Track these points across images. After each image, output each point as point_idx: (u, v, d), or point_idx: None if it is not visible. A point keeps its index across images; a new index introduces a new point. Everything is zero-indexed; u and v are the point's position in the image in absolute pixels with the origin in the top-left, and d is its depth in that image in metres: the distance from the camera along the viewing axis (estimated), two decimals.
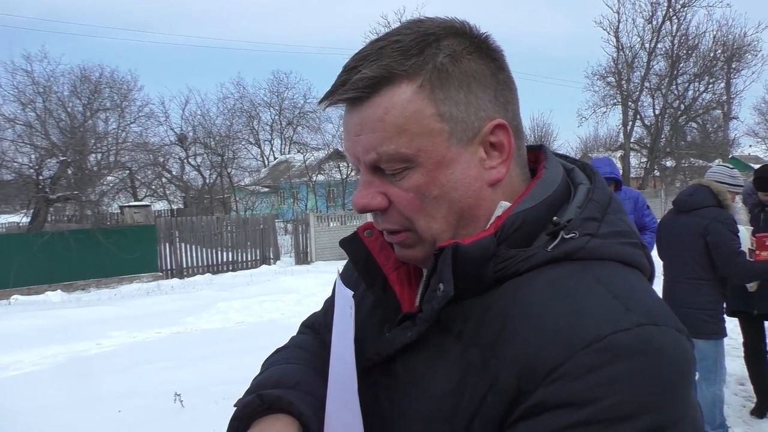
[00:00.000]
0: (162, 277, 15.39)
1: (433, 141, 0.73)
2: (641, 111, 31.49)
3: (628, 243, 0.75)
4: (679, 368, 0.63)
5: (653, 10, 29.83)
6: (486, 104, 0.75)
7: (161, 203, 26.92)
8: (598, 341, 0.61)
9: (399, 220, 0.77)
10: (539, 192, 0.76)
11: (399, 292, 0.85)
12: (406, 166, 0.74)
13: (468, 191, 0.75)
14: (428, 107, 0.72)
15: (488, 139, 0.75)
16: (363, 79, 0.72)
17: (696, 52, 30.80)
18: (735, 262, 3.64)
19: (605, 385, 0.59)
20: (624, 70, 30.68)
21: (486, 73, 0.75)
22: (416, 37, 0.73)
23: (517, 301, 0.69)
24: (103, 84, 22.38)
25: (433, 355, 0.73)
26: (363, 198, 0.77)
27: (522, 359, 0.64)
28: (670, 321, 0.66)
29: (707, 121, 34.82)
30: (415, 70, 0.72)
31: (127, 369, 6.53)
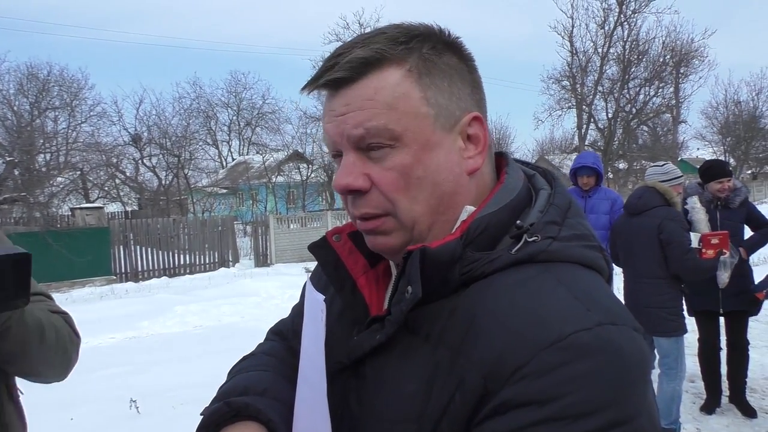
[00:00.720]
0: (116, 280, 15.00)
1: (419, 123, 0.75)
2: (595, 114, 32.33)
3: (588, 246, 0.78)
4: (637, 366, 0.65)
5: (605, 15, 30.66)
6: (465, 96, 0.79)
7: (115, 205, 26.28)
8: (560, 340, 0.63)
9: (380, 203, 0.78)
10: (502, 197, 0.79)
11: (367, 295, 0.86)
12: (391, 144, 0.75)
13: (450, 176, 0.77)
14: (415, 91, 0.75)
15: (466, 130, 0.79)
16: (354, 60, 0.74)
17: (646, 58, 31.80)
18: (686, 258, 3.80)
19: (568, 382, 0.61)
20: (578, 74, 31.42)
21: (464, 69, 0.80)
22: (403, 30, 0.77)
23: (483, 303, 0.71)
24: (51, 82, 21.78)
25: (401, 356, 0.75)
26: (345, 178, 0.77)
27: (487, 359, 0.66)
28: (627, 320, 0.69)
29: (657, 125, 35.97)
30: (404, 55, 0.75)
31: (79, 375, 6.30)
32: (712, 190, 4.50)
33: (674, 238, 3.82)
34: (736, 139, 41.18)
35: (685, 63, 32.85)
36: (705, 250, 3.99)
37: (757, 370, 5.11)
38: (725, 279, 4.28)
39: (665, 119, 35.87)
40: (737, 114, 42.44)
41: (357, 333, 0.82)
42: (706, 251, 3.99)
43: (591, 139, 32.85)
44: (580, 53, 31.25)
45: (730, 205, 4.50)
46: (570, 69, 31.38)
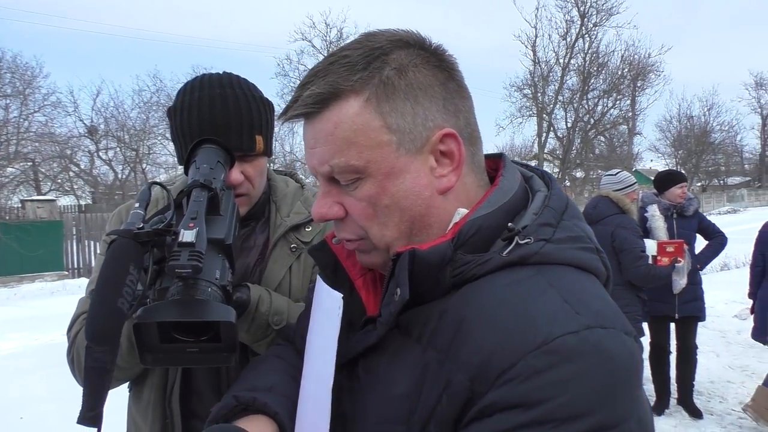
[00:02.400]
0: (68, 276, 14.56)
1: (381, 152, 0.75)
2: (555, 123, 32.97)
3: (583, 248, 0.78)
4: (626, 369, 0.65)
5: (568, 27, 31.35)
6: (434, 114, 0.77)
7: (68, 198, 25.51)
8: (547, 343, 0.63)
9: (354, 229, 0.81)
10: (496, 199, 0.79)
11: (365, 297, 0.87)
12: (357, 177, 0.76)
13: (418, 200, 0.77)
14: (375, 120, 0.75)
15: (438, 147, 0.77)
16: (311, 95, 0.75)
17: (605, 70, 32.62)
18: (637, 264, 3.94)
19: (554, 385, 0.61)
20: (540, 83, 32.01)
21: (433, 83, 0.77)
22: (364, 51, 0.76)
23: (472, 305, 0.71)
24: (3, 69, 20.97)
25: (393, 358, 0.75)
26: (321, 208, 0.81)
27: (475, 361, 0.66)
28: (618, 323, 0.68)
29: (614, 136, 36.89)
30: (361, 85, 0.74)
31: (28, 373, 6.15)
32: (674, 195, 4.67)
33: (626, 246, 3.97)
34: (687, 152, 42.68)
35: (642, 77, 33.85)
36: (660, 257, 4.15)
37: (704, 374, 5.31)
38: (682, 284, 4.44)
39: (622, 130, 36.84)
40: (689, 128, 44.03)
41: (352, 334, 0.83)
42: (662, 259, 4.15)
43: (550, 148, 33.53)
44: (543, 63, 31.87)
45: (685, 213, 4.70)
46: (532, 78, 31.96)
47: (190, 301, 0.84)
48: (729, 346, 6.58)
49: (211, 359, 0.87)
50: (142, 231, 0.86)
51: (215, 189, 1.06)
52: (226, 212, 1.08)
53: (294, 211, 1.46)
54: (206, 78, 1.30)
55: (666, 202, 4.69)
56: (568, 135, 32.53)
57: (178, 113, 1.27)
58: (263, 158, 1.35)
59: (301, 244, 1.43)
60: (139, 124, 26.55)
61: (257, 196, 1.39)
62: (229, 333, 0.84)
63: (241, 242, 1.41)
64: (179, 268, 0.84)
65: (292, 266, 1.41)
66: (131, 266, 0.82)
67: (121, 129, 26.24)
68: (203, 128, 1.23)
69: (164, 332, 0.83)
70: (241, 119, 1.26)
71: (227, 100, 1.25)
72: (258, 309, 1.24)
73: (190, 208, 0.98)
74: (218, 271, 0.93)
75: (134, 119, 26.57)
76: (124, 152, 25.96)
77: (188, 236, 0.88)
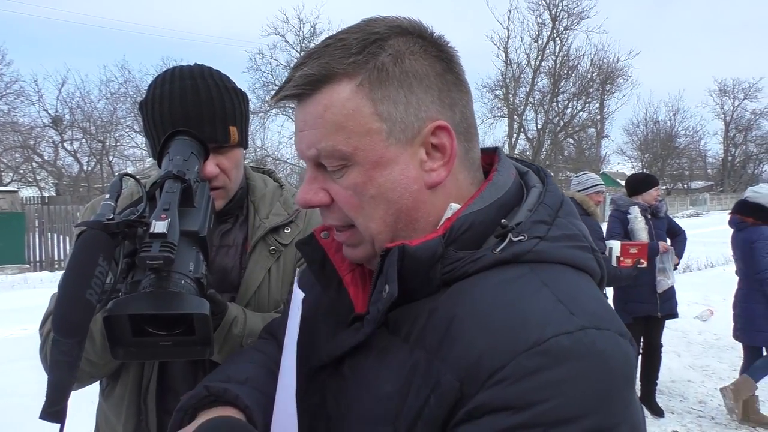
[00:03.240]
0: (30, 269, 14.18)
1: (370, 140, 0.73)
2: (525, 125, 33.43)
3: (578, 246, 0.75)
4: (619, 372, 0.63)
5: (539, 30, 31.84)
6: (428, 105, 0.74)
7: (30, 189, 24.86)
8: (539, 344, 0.61)
9: (341, 216, 0.78)
10: (489, 195, 0.77)
11: (353, 294, 0.84)
12: (344, 164, 0.74)
13: (405, 192, 0.74)
14: (366, 106, 0.72)
15: (429, 140, 0.75)
16: (303, 76, 0.73)
17: (575, 73, 33.22)
18: None
19: (546, 388, 0.59)
20: (511, 84, 32.38)
21: (430, 73, 0.75)
22: (361, 36, 0.73)
23: (463, 303, 0.69)
24: None
25: (380, 356, 0.73)
26: (305, 194, 0.78)
27: (465, 362, 0.64)
28: (613, 325, 0.66)
29: (583, 138, 37.55)
30: (354, 68, 0.72)
31: None
32: (651, 197, 4.82)
33: None
34: (653, 155, 43.62)
35: (611, 81, 34.55)
36: (623, 259, 4.23)
37: (665, 374, 5.42)
38: (670, 284, 4.60)
39: (590, 133, 37.51)
40: (655, 132, 45.06)
41: (340, 332, 0.81)
42: (625, 260, 4.23)
43: (520, 149, 33.89)
44: (514, 64, 32.28)
45: (659, 214, 4.87)
46: (504, 79, 32.31)
47: (163, 293, 0.82)
48: (690, 346, 6.74)
49: (185, 352, 0.86)
50: (113, 222, 0.83)
51: (189, 180, 1.04)
52: (201, 204, 1.06)
53: (273, 212, 1.44)
54: (177, 70, 1.28)
55: (643, 204, 4.82)
56: (538, 136, 32.99)
57: (149, 106, 1.25)
58: (238, 149, 1.32)
59: (281, 246, 1.41)
60: (106, 115, 26.01)
61: (234, 189, 1.36)
62: (203, 325, 0.82)
63: (219, 240, 1.40)
64: (150, 259, 0.82)
65: (272, 269, 1.39)
66: (101, 258, 0.80)
67: (87, 120, 25.65)
68: (176, 120, 1.21)
69: (136, 325, 0.81)
70: (214, 110, 1.24)
71: (199, 91, 1.23)
72: (231, 330, 1.23)
73: (163, 200, 0.95)
74: (192, 263, 0.91)
75: (101, 110, 26.02)
76: (90, 144, 25.40)
77: (160, 227, 0.86)
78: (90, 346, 1.18)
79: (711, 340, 7.00)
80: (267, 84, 29.21)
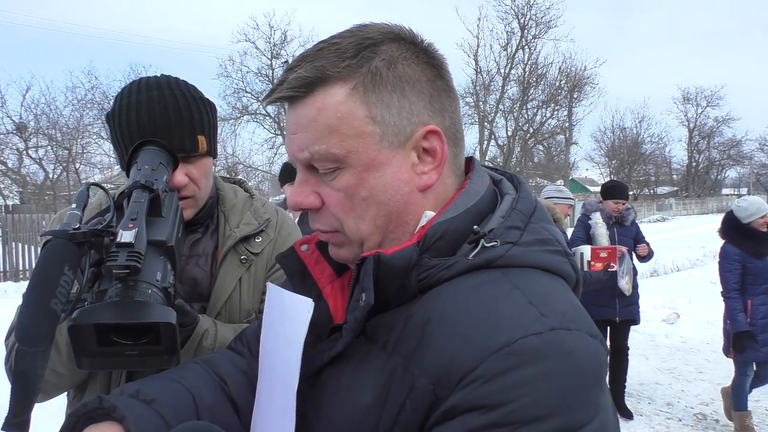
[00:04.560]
0: None
1: (363, 143, 0.73)
2: (495, 132, 33.81)
3: (550, 250, 0.76)
4: (589, 371, 0.64)
5: (508, 38, 32.33)
6: (420, 110, 0.76)
7: None
8: (509, 345, 0.62)
9: (330, 220, 0.79)
10: (462, 202, 0.78)
11: (332, 305, 0.85)
12: (337, 166, 0.75)
13: (397, 195, 0.76)
14: (360, 109, 0.73)
15: (421, 144, 0.76)
16: (298, 78, 0.74)
17: (544, 81, 33.73)
18: None
19: (516, 387, 0.60)
20: (481, 92, 32.73)
21: (421, 78, 0.76)
22: (355, 40, 0.74)
23: (436, 308, 0.70)
24: None
25: (359, 365, 0.73)
26: (297, 196, 0.79)
27: (438, 365, 0.65)
28: (583, 326, 0.67)
29: (552, 145, 38.12)
30: (349, 72, 0.73)
31: None
32: (609, 207, 4.96)
33: None
34: (620, 162, 44.47)
35: (578, 88, 35.19)
36: (594, 262, 4.32)
37: (634, 376, 5.53)
38: (627, 286, 4.68)
39: (559, 140, 38.08)
40: (622, 139, 45.98)
41: (319, 343, 0.81)
42: (595, 264, 4.32)
43: (491, 155, 34.25)
44: (484, 72, 32.66)
45: (624, 222, 4.99)
46: (474, 86, 32.65)
47: (130, 302, 0.82)
48: (657, 349, 6.88)
49: (151, 362, 0.85)
50: (79, 231, 0.83)
51: (157, 190, 1.04)
52: (169, 214, 1.05)
53: (243, 222, 1.44)
54: (144, 81, 1.28)
55: (607, 211, 4.96)
56: (508, 143, 33.38)
57: (116, 117, 1.25)
58: (207, 159, 1.32)
59: (251, 255, 1.41)
60: (73, 122, 25.48)
61: (204, 199, 1.36)
62: (170, 334, 0.82)
63: (189, 250, 1.39)
64: (116, 268, 0.82)
65: (242, 278, 1.39)
66: (66, 267, 0.79)
67: (53, 127, 25.08)
68: (143, 130, 1.21)
69: (102, 335, 0.80)
70: (182, 120, 1.24)
71: (166, 102, 1.24)
72: (201, 343, 1.22)
73: (130, 209, 0.95)
74: (159, 272, 0.91)
75: (67, 117, 25.48)
76: (56, 151, 24.86)
77: (127, 236, 0.86)
78: (56, 356, 1.16)
79: (678, 342, 7.16)
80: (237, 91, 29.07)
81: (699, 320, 7.81)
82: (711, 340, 7.12)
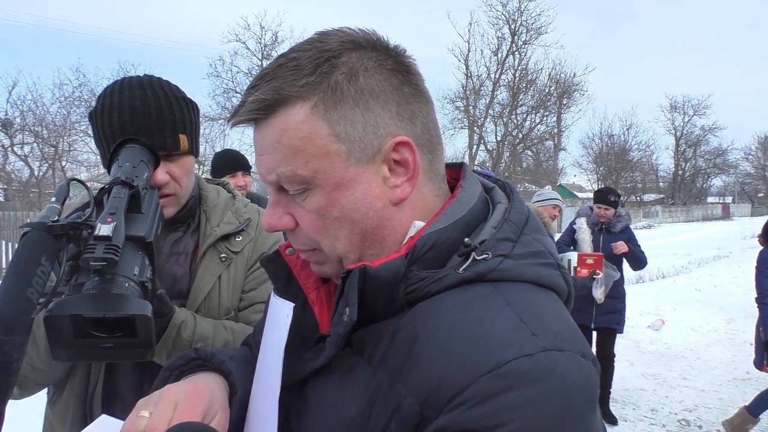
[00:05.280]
0: None
1: (330, 162, 0.71)
2: (485, 136, 33.92)
3: (543, 264, 0.74)
4: (581, 395, 0.62)
5: (499, 43, 32.50)
6: (386, 121, 0.72)
7: None
8: (499, 367, 0.60)
9: (306, 240, 0.77)
10: (453, 212, 0.75)
11: (318, 312, 0.83)
12: (305, 187, 0.73)
13: (369, 212, 0.73)
14: (323, 128, 0.71)
15: (391, 156, 0.73)
16: (256, 101, 0.72)
17: (534, 87, 33.93)
18: None
19: (506, 411, 0.58)
20: (471, 96, 32.85)
21: (386, 88, 0.73)
22: (314, 54, 0.71)
23: (425, 324, 0.67)
24: None
25: (343, 378, 0.71)
26: (270, 218, 0.78)
27: (425, 384, 0.63)
28: (575, 346, 0.65)
29: (541, 151, 38.32)
30: (308, 90, 0.70)
31: None
32: (594, 212, 5.01)
33: None
34: (608, 168, 44.80)
35: (568, 95, 35.37)
36: (580, 269, 4.34)
37: (619, 382, 5.55)
38: (600, 296, 4.65)
39: (548, 146, 38.29)
40: (610, 146, 46.31)
41: (304, 352, 0.79)
42: (581, 270, 4.34)
43: (480, 160, 34.36)
44: (475, 77, 32.78)
45: (611, 229, 4.99)
46: (464, 91, 32.78)
47: (106, 294, 0.82)
48: (642, 355, 6.92)
49: (126, 355, 0.85)
50: (57, 224, 0.83)
51: (137, 187, 1.05)
52: (149, 211, 1.06)
53: (224, 221, 1.46)
54: (126, 80, 1.31)
55: (594, 217, 5.00)
56: (497, 148, 33.51)
57: (99, 116, 1.27)
58: (189, 157, 1.34)
59: (231, 253, 1.43)
60: (60, 120, 25.22)
61: (185, 197, 1.38)
62: (145, 327, 0.82)
63: (170, 248, 1.40)
64: (93, 260, 0.82)
65: (222, 276, 1.40)
66: (43, 258, 0.79)
67: (40, 124, 24.81)
68: (125, 129, 1.23)
69: (78, 327, 0.80)
70: (163, 119, 1.26)
71: (148, 101, 1.26)
72: (180, 334, 1.23)
73: (110, 204, 0.96)
74: (137, 267, 0.91)
75: (54, 114, 25.21)
76: (42, 148, 24.61)
77: (105, 230, 0.86)
78: (34, 351, 1.17)
79: (662, 349, 7.21)
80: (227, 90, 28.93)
81: (683, 327, 7.88)
82: (695, 347, 7.19)
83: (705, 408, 5.24)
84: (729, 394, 5.61)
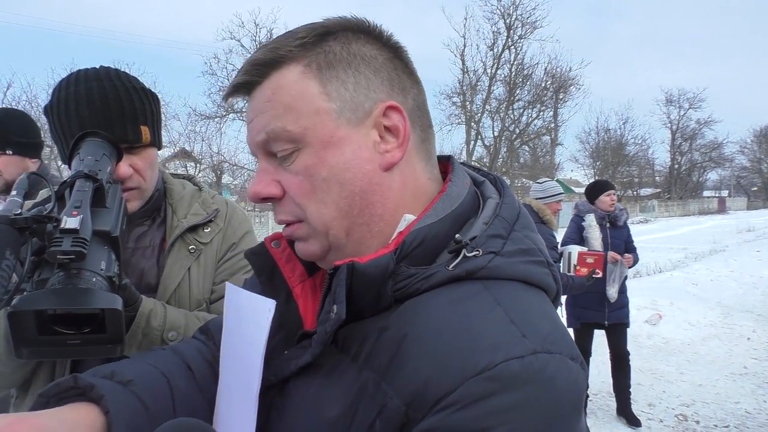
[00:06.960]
0: None
1: (320, 119, 0.72)
2: (482, 132, 33.86)
3: (533, 261, 0.73)
4: (569, 399, 0.62)
5: (495, 38, 32.39)
6: (377, 86, 0.74)
7: None
8: (489, 369, 0.59)
9: (292, 209, 0.76)
10: (443, 207, 0.74)
11: (302, 306, 0.82)
12: (295, 147, 0.73)
13: (359, 173, 0.72)
14: (314, 86, 0.72)
15: (381, 121, 0.74)
16: (252, 62, 0.74)
17: (530, 81, 33.86)
18: None
19: (494, 414, 0.58)
20: (468, 92, 32.80)
21: (378, 57, 0.75)
22: (312, 28, 0.74)
23: (414, 323, 0.66)
24: None
25: (327, 376, 0.70)
26: (257, 185, 0.76)
27: (412, 385, 0.62)
28: (565, 348, 0.64)
29: (537, 146, 38.26)
30: (301, 52, 0.73)
31: None
32: (603, 203, 4.87)
33: None
34: (604, 163, 44.80)
35: (564, 89, 35.34)
36: (579, 267, 4.30)
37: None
38: (614, 294, 4.65)
39: (545, 141, 38.25)
40: (606, 140, 46.30)
41: (288, 348, 0.77)
42: (580, 269, 4.30)
43: (478, 156, 34.35)
44: (471, 72, 32.73)
45: (617, 223, 4.90)
46: (461, 86, 32.72)
47: (73, 289, 0.79)
48: (640, 350, 6.93)
49: (94, 351, 0.82)
50: (20, 217, 0.80)
51: (101, 180, 1.02)
52: (113, 205, 1.03)
53: (191, 212, 1.44)
54: (82, 72, 1.27)
55: (601, 212, 4.87)
56: (494, 143, 33.47)
57: (55, 110, 1.23)
58: (152, 149, 1.32)
59: (200, 245, 1.41)
60: None
61: (149, 190, 1.36)
62: (115, 322, 0.79)
63: (136, 242, 1.38)
64: (61, 254, 0.79)
65: (191, 268, 1.39)
66: (7, 252, 0.76)
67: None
68: (84, 122, 1.20)
69: (43, 323, 0.77)
70: (123, 110, 1.23)
71: (106, 92, 1.22)
72: (149, 323, 1.20)
73: (74, 197, 0.93)
74: (104, 262, 0.88)
75: None
76: None
77: (72, 223, 0.83)
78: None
79: (659, 343, 7.23)
80: (223, 89, 28.79)
81: (680, 321, 7.90)
82: (692, 342, 7.20)
83: (702, 403, 5.26)
84: (726, 388, 5.64)
